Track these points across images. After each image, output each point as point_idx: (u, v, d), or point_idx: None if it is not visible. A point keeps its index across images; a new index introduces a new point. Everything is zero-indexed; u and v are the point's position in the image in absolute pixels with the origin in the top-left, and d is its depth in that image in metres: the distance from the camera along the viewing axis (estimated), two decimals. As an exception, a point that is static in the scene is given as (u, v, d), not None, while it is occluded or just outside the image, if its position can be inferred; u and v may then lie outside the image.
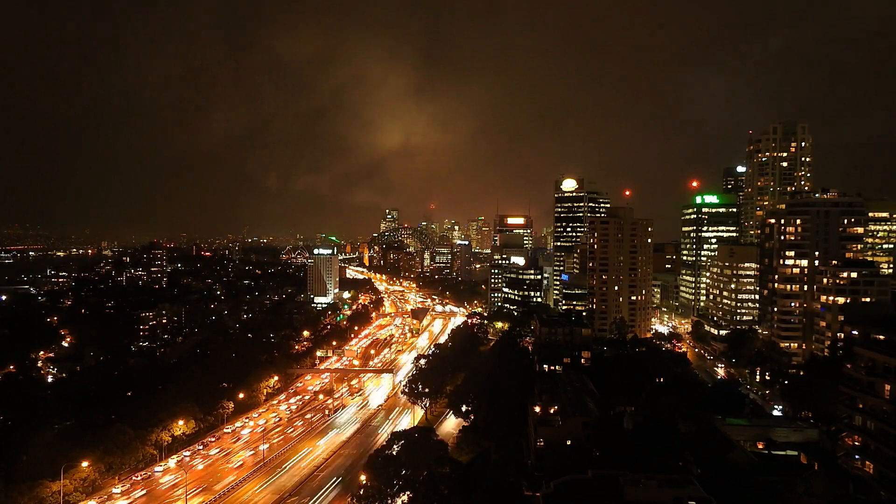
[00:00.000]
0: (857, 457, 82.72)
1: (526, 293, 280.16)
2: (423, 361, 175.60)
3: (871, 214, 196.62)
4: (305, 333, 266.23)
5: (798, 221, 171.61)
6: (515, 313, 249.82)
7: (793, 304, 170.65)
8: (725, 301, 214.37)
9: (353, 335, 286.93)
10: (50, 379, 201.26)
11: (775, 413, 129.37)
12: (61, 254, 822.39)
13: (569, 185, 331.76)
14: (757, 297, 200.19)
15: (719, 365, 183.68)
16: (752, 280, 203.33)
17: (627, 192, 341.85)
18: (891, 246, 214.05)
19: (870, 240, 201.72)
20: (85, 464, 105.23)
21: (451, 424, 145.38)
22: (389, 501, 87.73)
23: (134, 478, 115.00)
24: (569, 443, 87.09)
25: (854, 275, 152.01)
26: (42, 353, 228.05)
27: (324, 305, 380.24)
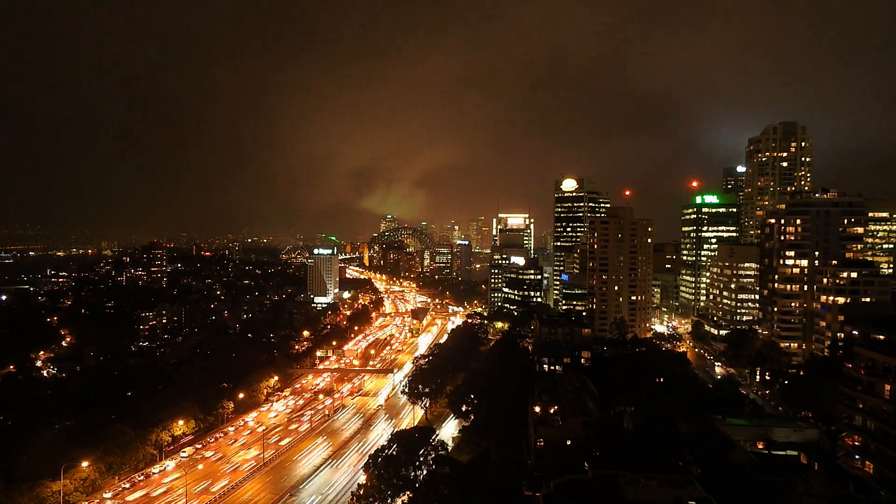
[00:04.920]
0: (857, 457, 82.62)
1: (526, 293, 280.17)
2: (423, 361, 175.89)
3: (871, 214, 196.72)
4: (305, 333, 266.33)
5: (798, 221, 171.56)
6: (515, 313, 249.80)
7: (793, 304, 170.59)
8: (725, 301, 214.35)
9: (353, 335, 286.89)
10: (49, 379, 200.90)
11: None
12: (61, 254, 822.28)
13: (569, 185, 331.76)
14: (757, 297, 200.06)
15: (718, 363, 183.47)
16: (752, 280, 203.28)
17: (627, 192, 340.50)
18: (891, 246, 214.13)
19: (870, 240, 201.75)
20: (85, 464, 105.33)
21: (451, 424, 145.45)
22: (389, 501, 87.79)
23: (134, 478, 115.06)
24: (569, 443, 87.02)
25: (854, 275, 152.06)
26: (42, 353, 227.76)
27: (324, 305, 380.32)
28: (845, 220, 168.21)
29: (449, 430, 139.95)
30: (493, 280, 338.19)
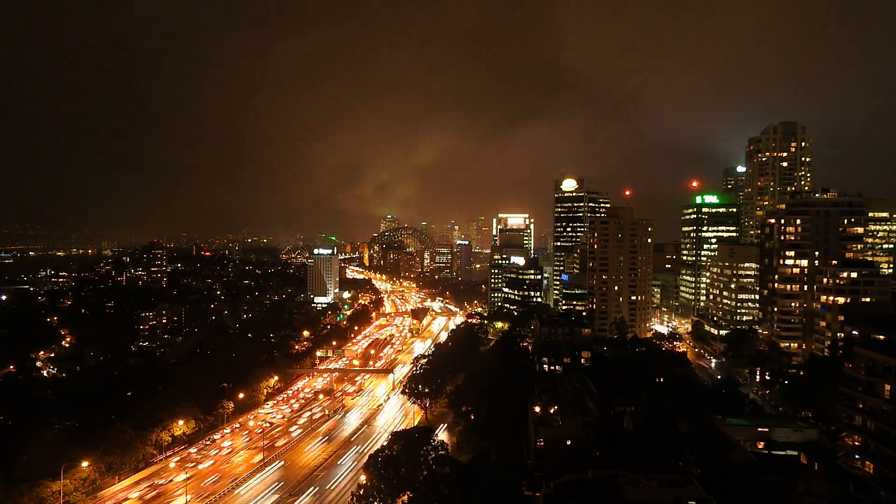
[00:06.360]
0: (857, 457, 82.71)
1: (526, 293, 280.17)
2: (423, 361, 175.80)
3: (871, 214, 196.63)
4: (305, 333, 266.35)
5: (798, 221, 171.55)
6: (515, 313, 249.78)
7: (793, 304, 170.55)
8: (725, 301, 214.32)
9: (353, 335, 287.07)
10: (49, 379, 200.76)
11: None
12: (61, 254, 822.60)
13: (569, 185, 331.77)
14: (757, 297, 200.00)
15: (717, 360, 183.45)
16: (752, 280, 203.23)
17: (627, 192, 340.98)
18: (891, 246, 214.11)
19: (870, 240, 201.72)
20: (85, 464, 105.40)
21: (451, 425, 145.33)
22: (389, 501, 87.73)
23: (134, 478, 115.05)
24: (569, 443, 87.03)
25: (854, 275, 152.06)
26: (42, 353, 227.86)
27: (324, 305, 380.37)
28: (845, 220, 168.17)
29: (449, 431, 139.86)
30: (493, 280, 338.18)
